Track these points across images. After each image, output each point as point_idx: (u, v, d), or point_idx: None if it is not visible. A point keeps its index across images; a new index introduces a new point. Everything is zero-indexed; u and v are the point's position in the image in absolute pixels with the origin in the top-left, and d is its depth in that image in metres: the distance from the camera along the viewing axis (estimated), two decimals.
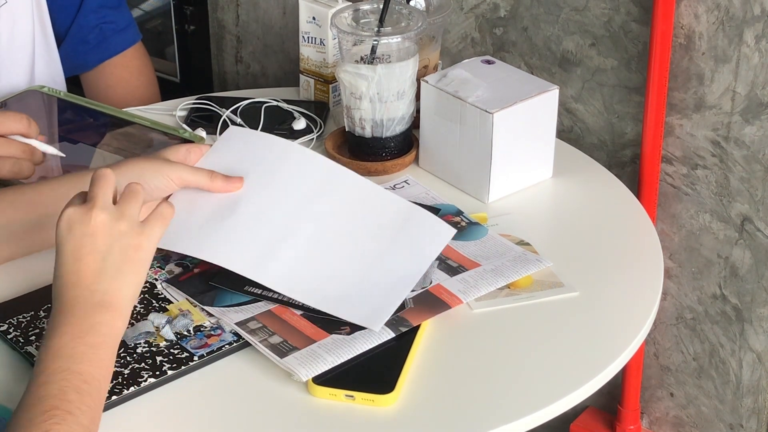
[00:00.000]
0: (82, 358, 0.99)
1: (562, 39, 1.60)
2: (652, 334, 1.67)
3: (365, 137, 1.43)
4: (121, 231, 1.05)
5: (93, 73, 1.70)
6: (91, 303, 1.02)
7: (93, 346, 1.00)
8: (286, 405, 1.07)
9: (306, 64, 1.57)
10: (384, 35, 1.38)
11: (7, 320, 1.15)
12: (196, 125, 1.53)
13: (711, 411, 1.67)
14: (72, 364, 0.98)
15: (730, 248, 1.55)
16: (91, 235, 1.03)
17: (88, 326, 1.01)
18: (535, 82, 1.40)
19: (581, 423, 1.75)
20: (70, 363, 0.98)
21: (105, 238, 1.04)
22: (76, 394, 0.96)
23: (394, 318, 1.15)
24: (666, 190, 1.58)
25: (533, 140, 1.39)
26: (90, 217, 1.04)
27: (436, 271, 1.23)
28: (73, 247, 1.03)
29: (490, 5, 1.66)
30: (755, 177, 1.49)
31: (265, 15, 1.94)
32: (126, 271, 1.04)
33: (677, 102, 1.52)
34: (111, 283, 1.03)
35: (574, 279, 1.23)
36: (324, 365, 1.09)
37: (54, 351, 0.99)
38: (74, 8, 1.64)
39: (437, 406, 1.07)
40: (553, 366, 1.12)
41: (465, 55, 1.70)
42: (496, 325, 1.17)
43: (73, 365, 0.98)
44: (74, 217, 1.04)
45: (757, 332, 1.57)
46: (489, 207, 1.37)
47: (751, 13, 1.42)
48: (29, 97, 1.55)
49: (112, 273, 1.03)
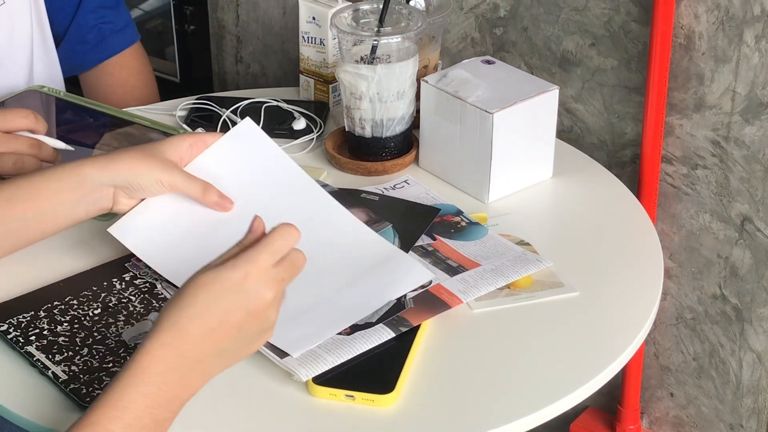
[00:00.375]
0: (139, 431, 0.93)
1: (562, 39, 1.60)
2: (652, 334, 1.67)
3: (365, 137, 1.43)
4: (269, 321, 0.99)
5: (92, 73, 1.70)
6: (188, 372, 0.95)
7: (157, 422, 0.94)
8: (286, 405, 1.07)
9: (306, 64, 1.57)
10: (384, 35, 1.38)
11: (7, 320, 1.15)
12: (196, 125, 1.53)
13: (711, 411, 1.67)
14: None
15: (730, 248, 1.55)
16: (250, 314, 0.97)
17: (167, 398, 0.94)
18: (535, 82, 1.40)
19: (581, 423, 1.75)
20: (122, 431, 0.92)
21: (254, 324, 0.98)
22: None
23: (394, 318, 1.15)
24: (666, 190, 1.58)
25: (533, 140, 1.39)
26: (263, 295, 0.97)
27: (437, 271, 1.23)
28: (228, 308, 0.96)
29: (490, 5, 1.66)
30: (755, 177, 1.49)
31: (265, 15, 1.94)
32: (238, 353, 0.99)
33: (677, 102, 1.52)
34: (220, 359, 0.97)
35: (574, 279, 1.23)
36: (324, 365, 1.08)
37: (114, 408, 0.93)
38: (72, 8, 1.64)
39: (437, 406, 1.07)
40: (553, 366, 1.12)
41: (465, 55, 1.70)
42: (496, 325, 1.17)
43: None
44: (254, 279, 0.96)
45: (757, 332, 1.57)
46: (489, 207, 1.37)
47: (751, 13, 1.42)
48: (29, 96, 1.55)
49: (229, 353, 0.98)
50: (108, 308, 1.18)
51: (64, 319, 1.16)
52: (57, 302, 1.18)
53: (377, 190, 1.38)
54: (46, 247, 1.27)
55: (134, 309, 1.17)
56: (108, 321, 1.16)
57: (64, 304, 1.18)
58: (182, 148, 1.21)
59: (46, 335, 1.14)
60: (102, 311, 1.17)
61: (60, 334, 1.14)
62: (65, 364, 1.10)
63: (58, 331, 1.14)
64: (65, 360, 1.10)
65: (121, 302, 1.19)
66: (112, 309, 1.18)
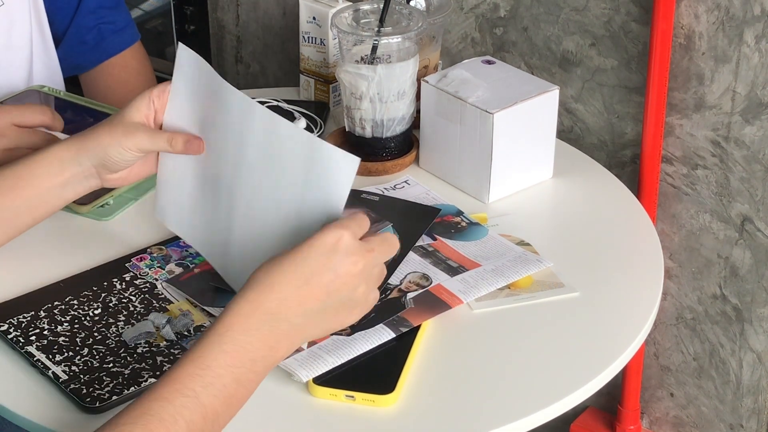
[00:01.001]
0: (220, 391, 0.92)
1: (562, 39, 1.60)
2: (652, 334, 1.67)
3: (365, 137, 1.43)
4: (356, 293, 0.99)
5: (92, 73, 1.70)
6: (273, 331, 0.95)
7: (240, 382, 0.93)
8: (286, 405, 1.07)
9: (306, 64, 1.57)
10: (384, 35, 1.38)
11: (7, 320, 1.16)
12: None
13: (711, 411, 1.67)
14: (205, 393, 0.91)
15: (730, 248, 1.55)
16: (338, 276, 0.97)
17: (249, 358, 0.94)
18: (535, 82, 1.40)
19: (581, 423, 1.75)
20: (204, 392, 0.91)
21: (341, 289, 0.98)
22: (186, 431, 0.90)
23: (394, 318, 1.15)
24: (666, 190, 1.58)
25: (533, 140, 1.39)
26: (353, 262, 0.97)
27: (437, 271, 1.23)
28: (317, 268, 0.96)
29: (490, 5, 1.66)
30: (755, 177, 1.49)
31: (265, 15, 1.94)
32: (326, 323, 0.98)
33: (677, 102, 1.52)
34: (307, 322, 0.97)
35: (574, 279, 1.23)
36: (324, 366, 1.08)
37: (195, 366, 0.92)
38: (72, 9, 1.64)
39: (437, 407, 1.07)
40: (553, 366, 1.12)
41: (465, 55, 1.70)
42: (496, 325, 1.17)
43: (205, 395, 0.91)
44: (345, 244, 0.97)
45: (757, 332, 1.57)
46: (489, 207, 1.37)
47: (751, 13, 1.42)
48: (29, 96, 1.55)
49: (316, 317, 0.97)
50: (108, 308, 1.18)
51: (65, 319, 1.16)
52: (57, 302, 1.18)
53: (377, 191, 1.38)
54: (46, 247, 1.27)
55: (134, 309, 1.17)
56: (108, 321, 1.16)
57: (65, 304, 1.18)
58: (143, 106, 1.17)
59: (46, 335, 1.14)
60: (102, 311, 1.17)
61: (60, 334, 1.14)
62: (65, 364, 1.10)
63: (58, 331, 1.14)
64: (65, 360, 1.10)
65: (122, 302, 1.19)
66: (113, 309, 1.18)
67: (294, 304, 0.96)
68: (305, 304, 0.97)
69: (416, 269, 1.23)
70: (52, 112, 1.34)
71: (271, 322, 0.95)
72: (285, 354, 0.98)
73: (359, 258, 0.98)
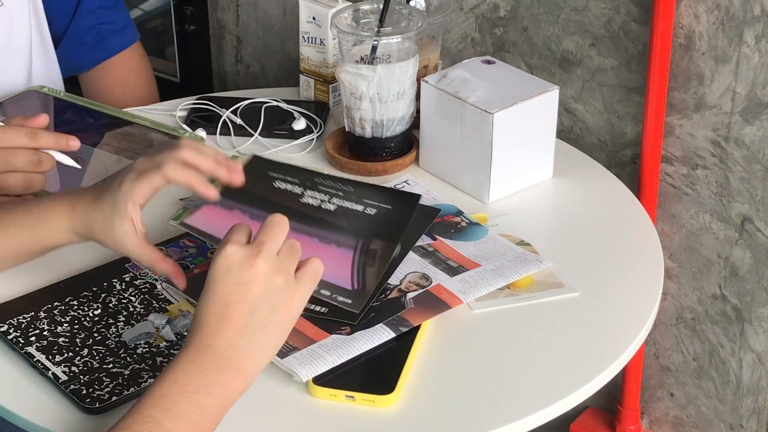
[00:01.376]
0: (180, 416, 0.94)
1: (562, 39, 1.60)
2: (652, 334, 1.67)
3: (365, 137, 1.43)
4: (277, 287, 0.99)
5: (91, 73, 1.70)
6: (218, 358, 0.97)
7: (198, 406, 0.95)
8: (286, 405, 1.07)
9: (306, 64, 1.57)
10: (384, 35, 1.38)
11: (7, 320, 1.15)
12: (196, 125, 1.53)
13: (711, 411, 1.67)
14: (165, 418, 0.93)
15: (730, 248, 1.55)
16: (247, 284, 0.98)
17: (203, 384, 0.96)
18: (535, 82, 1.40)
19: (581, 423, 1.75)
20: (163, 416, 0.93)
21: (259, 292, 0.98)
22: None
23: (394, 318, 1.15)
24: (666, 190, 1.58)
25: (533, 140, 1.39)
26: (251, 264, 0.98)
27: (437, 271, 1.23)
28: (225, 291, 0.98)
29: (490, 5, 1.66)
30: (755, 177, 1.49)
31: (265, 15, 1.94)
32: (270, 332, 0.99)
33: (677, 102, 1.52)
34: (251, 342, 0.98)
35: (574, 279, 1.23)
36: (324, 366, 1.08)
37: (152, 396, 0.94)
38: (71, 9, 1.64)
39: (437, 407, 1.07)
40: (553, 366, 1.12)
41: (465, 55, 1.70)
42: (496, 325, 1.17)
43: (166, 420, 0.93)
44: (235, 259, 0.98)
45: (757, 332, 1.57)
46: (489, 207, 1.37)
47: (751, 13, 1.42)
48: (28, 97, 1.55)
49: (255, 332, 0.98)
50: (108, 309, 1.18)
51: (64, 319, 1.16)
52: (57, 303, 1.18)
53: None
54: None
55: (134, 310, 1.17)
56: (108, 322, 1.16)
57: (64, 305, 1.18)
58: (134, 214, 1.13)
59: (46, 336, 1.14)
60: (102, 312, 1.17)
61: (60, 334, 1.14)
62: (65, 365, 1.10)
63: (58, 332, 1.14)
64: (65, 361, 1.10)
65: (121, 303, 1.19)
66: (112, 310, 1.18)
67: (228, 332, 0.98)
68: (237, 326, 0.98)
69: (416, 269, 1.23)
70: (30, 131, 1.28)
71: (213, 352, 0.97)
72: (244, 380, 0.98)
73: (253, 259, 0.99)
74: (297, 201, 1.26)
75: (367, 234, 1.22)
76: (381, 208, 1.26)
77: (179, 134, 1.48)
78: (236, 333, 0.98)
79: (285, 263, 1.01)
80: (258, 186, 1.27)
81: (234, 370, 0.97)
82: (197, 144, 1.14)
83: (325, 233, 1.21)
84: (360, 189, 1.29)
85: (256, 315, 0.98)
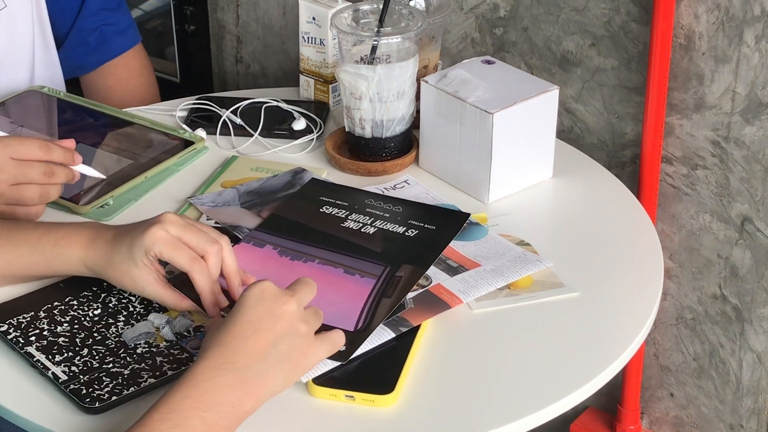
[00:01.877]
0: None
1: (562, 39, 1.60)
2: (652, 334, 1.67)
3: (365, 137, 1.43)
4: (300, 332, 1.03)
5: (93, 74, 1.70)
6: (235, 376, 0.99)
7: (207, 424, 0.96)
8: (286, 405, 1.07)
9: (306, 64, 1.57)
10: (384, 35, 1.38)
11: (7, 320, 1.16)
12: (196, 125, 1.53)
13: (711, 411, 1.67)
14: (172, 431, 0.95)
15: (730, 248, 1.55)
16: (277, 316, 1.02)
17: (215, 402, 0.97)
18: (535, 82, 1.40)
19: (581, 423, 1.75)
20: (170, 430, 0.94)
21: (285, 327, 1.02)
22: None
23: (394, 318, 1.15)
24: (666, 190, 1.58)
25: (533, 140, 1.39)
26: (284, 301, 1.03)
27: (437, 270, 1.23)
28: (255, 316, 1.02)
29: (490, 5, 1.66)
30: (755, 177, 1.49)
31: (265, 15, 1.94)
32: (284, 368, 1.02)
33: (677, 102, 1.52)
34: (268, 369, 1.00)
35: (574, 279, 1.23)
36: (324, 365, 1.08)
37: (161, 411, 0.95)
38: (74, 11, 1.64)
39: (437, 406, 1.07)
40: (553, 366, 1.12)
41: (465, 55, 1.70)
42: (496, 325, 1.17)
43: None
44: (270, 292, 1.03)
45: (757, 332, 1.57)
46: (489, 207, 1.37)
47: (751, 13, 1.42)
48: (29, 97, 1.55)
49: (273, 361, 1.01)
50: (108, 309, 1.18)
51: (64, 319, 1.16)
52: (57, 302, 1.18)
53: (377, 191, 1.38)
54: None
55: (134, 309, 1.17)
56: (108, 321, 1.16)
57: (64, 305, 1.18)
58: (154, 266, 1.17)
59: (46, 336, 1.14)
60: (102, 312, 1.17)
61: (60, 334, 1.14)
62: (65, 365, 1.10)
63: (58, 332, 1.14)
64: (65, 360, 1.10)
65: (121, 303, 1.19)
66: (112, 309, 1.18)
67: (250, 352, 1.00)
68: (259, 350, 1.01)
69: None
70: (44, 145, 1.27)
71: (232, 370, 0.99)
72: (254, 404, 1.00)
73: (286, 298, 1.04)
74: (338, 226, 1.28)
75: (397, 259, 1.23)
76: (424, 229, 1.28)
77: (179, 134, 1.48)
78: (257, 356, 1.00)
79: (310, 319, 1.05)
80: (303, 213, 1.31)
81: (247, 390, 0.99)
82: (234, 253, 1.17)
83: (352, 262, 1.22)
84: (409, 208, 1.32)
85: (277, 346, 1.01)
